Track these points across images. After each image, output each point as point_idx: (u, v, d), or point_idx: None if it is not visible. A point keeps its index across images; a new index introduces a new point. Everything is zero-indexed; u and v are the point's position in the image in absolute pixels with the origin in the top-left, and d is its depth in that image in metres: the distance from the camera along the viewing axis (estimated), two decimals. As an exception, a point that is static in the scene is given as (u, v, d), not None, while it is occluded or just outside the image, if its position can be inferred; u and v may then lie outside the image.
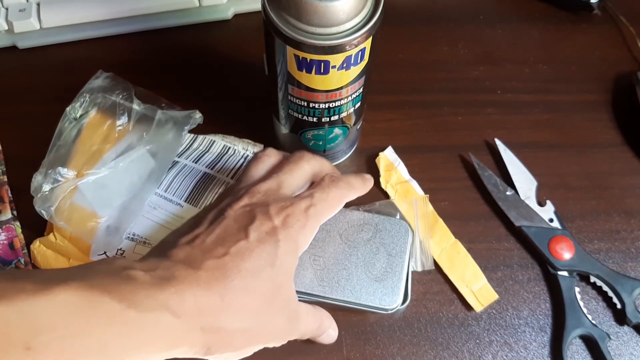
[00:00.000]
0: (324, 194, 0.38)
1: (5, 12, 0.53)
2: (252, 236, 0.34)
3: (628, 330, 0.44)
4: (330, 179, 0.39)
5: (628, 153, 0.51)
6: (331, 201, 0.38)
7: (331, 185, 0.38)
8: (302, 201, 0.36)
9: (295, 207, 0.36)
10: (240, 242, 0.34)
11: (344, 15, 0.34)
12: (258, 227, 0.34)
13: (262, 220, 0.35)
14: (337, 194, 0.39)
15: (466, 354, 0.43)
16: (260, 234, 0.34)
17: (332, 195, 0.38)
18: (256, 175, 0.39)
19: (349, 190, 0.40)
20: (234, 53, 0.54)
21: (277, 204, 0.36)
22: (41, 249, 0.44)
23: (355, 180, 0.41)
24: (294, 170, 0.39)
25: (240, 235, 0.34)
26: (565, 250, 0.45)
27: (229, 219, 0.35)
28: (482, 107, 0.52)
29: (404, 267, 0.43)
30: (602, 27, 0.57)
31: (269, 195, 0.37)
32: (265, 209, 0.35)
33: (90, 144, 0.45)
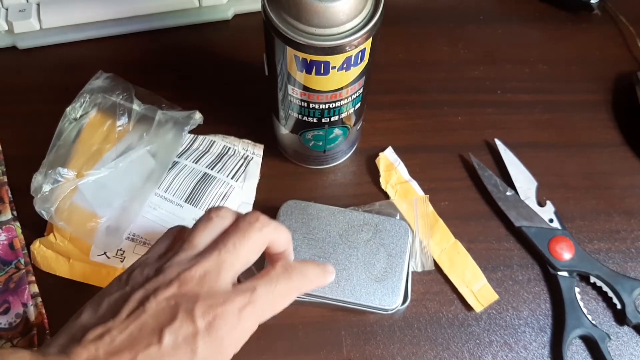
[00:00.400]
0: (270, 287, 0.32)
1: (5, 12, 0.53)
2: (166, 341, 0.30)
3: (628, 331, 0.44)
4: (284, 269, 0.33)
5: (628, 153, 0.51)
6: (277, 298, 0.33)
7: (281, 277, 0.33)
8: (239, 298, 0.31)
9: (227, 306, 0.31)
10: (151, 347, 0.30)
11: (344, 16, 0.34)
12: (176, 330, 0.30)
13: (182, 322, 0.30)
14: (287, 288, 0.33)
15: (466, 354, 0.43)
16: (177, 340, 0.30)
17: (279, 290, 0.33)
18: (200, 244, 0.33)
19: (304, 283, 0.34)
20: (234, 53, 0.54)
21: (206, 301, 0.31)
22: (41, 249, 0.44)
23: (313, 270, 0.35)
24: (241, 246, 0.33)
25: (153, 339, 0.30)
26: (565, 251, 0.45)
27: (147, 315, 0.30)
28: (482, 107, 0.52)
29: (403, 268, 0.43)
30: (602, 27, 0.57)
31: (204, 283, 0.31)
32: (191, 307, 0.30)
33: (90, 144, 0.45)
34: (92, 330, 0.30)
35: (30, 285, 0.43)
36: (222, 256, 0.32)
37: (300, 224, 0.44)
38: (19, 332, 0.42)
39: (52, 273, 0.44)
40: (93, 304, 0.32)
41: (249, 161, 0.48)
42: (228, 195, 0.45)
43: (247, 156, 0.48)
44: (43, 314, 0.43)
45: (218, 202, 0.45)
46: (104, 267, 0.43)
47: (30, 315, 0.42)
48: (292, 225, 0.43)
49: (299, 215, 0.44)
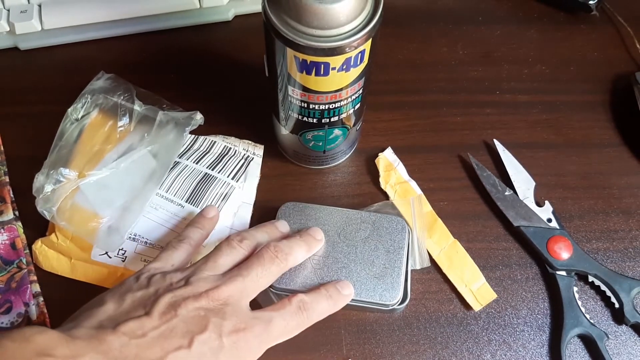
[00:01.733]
0: (284, 322, 0.36)
1: (7, 13, 0.53)
2: (195, 348, 0.32)
3: (626, 330, 0.44)
4: (298, 306, 0.37)
5: (626, 153, 0.51)
6: (288, 330, 0.37)
7: (295, 315, 0.37)
8: (258, 326, 0.35)
9: (249, 331, 0.34)
10: (181, 350, 0.32)
11: (343, 18, 0.35)
12: (205, 341, 0.33)
13: (211, 335, 0.33)
14: (298, 324, 0.37)
15: (465, 353, 0.43)
16: (204, 349, 0.33)
17: (291, 325, 0.37)
18: (223, 266, 0.37)
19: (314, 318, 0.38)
20: (235, 54, 0.55)
21: (232, 321, 0.34)
22: (43, 249, 0.44)
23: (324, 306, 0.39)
24: (262, 276, 0.37)
25: (183, 342, 0.32)
26: (564, 250, 0.45)
27: (179, 319, 0.33)
28: (481, 108, 0.53)
29: (402, 263, 0.43)
30: (601, 28, 0.57)
31: (229, 304, 0.35)
32: (220, 323, 0.34)
33: (91, 144, 0.45)
34: (125, 323, 0.32)
35: (32, 285, 0.43)
36: (246, 283, 0.36)
37: (298, 225, 0.44)
38: (21, 331, 0.42)
39: (54, 273, 0.44)
40: (115, 297, 0.34)
41: (250, 161, 0.48)
42: (229, 195, 0.46)
43: (248, 156, 0.48)
44: (45, 314, 0.43)
45: (219, 202, 0.45)
46: (106, 266, 0.44)
47: (32, 315, 0.42)
48: (291, 227, 0.44)
49: (297, 217, 0.44)
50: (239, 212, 0.46)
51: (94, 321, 0.32)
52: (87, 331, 0.31)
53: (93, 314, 0.33)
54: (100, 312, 0.33)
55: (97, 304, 0.34)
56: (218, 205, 0.45)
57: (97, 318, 0.33)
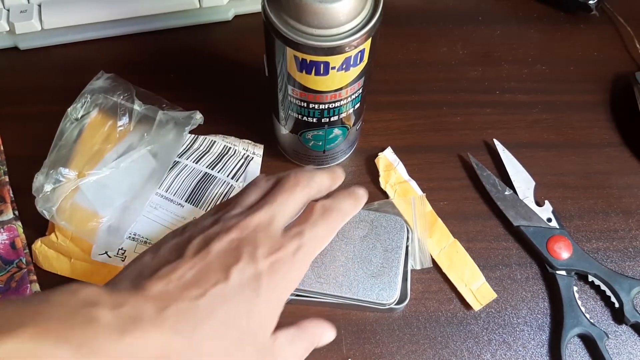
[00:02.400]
0: (314, 230, 0.36)
1: (7, 13, 0.53)
2: (233, 279, 0.32)
3: (626, 329, 0.44)
4: (322, 210, 0.37)
5: (626, 153, 0.51)
6: (322, 237, 0.36)
7: (321, 220, 0.36)
8: (291, 243, 0.35)
9: (283, 251, 0.34)
10: (219, 284, 0.32)
11: (343, 17, 0.35)
12: (242, 270, 0.33)
13: (247, 263, 0.33)
14: (329, 227, 0.37)
15: (465, 352, 0.43)
16: (242, 278, 0.32)
17: (322, 230, 0.36)
18: (249, 202, 0.37)
19: (342, 218, 0.38)
20: (234, 54, 0.55)
21: (265, 246, 0.34)
22: (43, 249, 0.44)
23: (347, 203, 0.38)
24: (288, 201, 0.36)
25: (220, 276, 0.32)
26: (564, 250, 0.45)
27: (212, 255, 0.33)
28: (481, 108, 0.53)
29: (400, 263, 0.43)
30: (600, 27, 0.57)
31: (259, 230, 0.35)
32: (253, 250, 0.33)
33: (91, 144, 0.45)
34: (161, 269, 0.32)
35: (32, 285, 0.43)
36: (273, 208, 0.35)
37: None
38: (21, 331, 0.42)
39: (54, 272, 0.44)
40: (152, 249, 0.35)
41: (249, 161, 0.48)
42: (229, 195, 0.46)
43: (248, 156, 0.48)
44: (44, 313, 0.43)
45: (219, 201, 0.45)
46: (106, 266, 0.44)
47: (31, 314, 0.42)
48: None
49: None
50: (238, 211, 0.46)
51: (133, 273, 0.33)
52: (126, 283, 0.32)
53: (133, 267, 0.34)
54: (138, 264, 0.34)
55: (137, 258, 0.35)
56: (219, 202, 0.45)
57: (135, 270, 0.33)
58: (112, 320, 0.28)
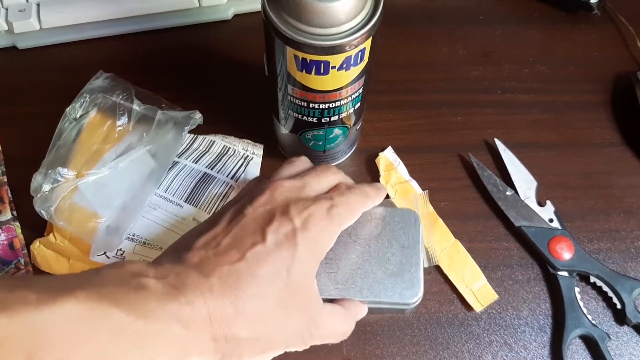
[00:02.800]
0: (343, 197, 0.37)
1: (5, 12, 0.53)
2: (270, 239, 0.33)
3: (628, 330, 0.44)
4: (347, 187, 0.38)
5: (627, 153, 0.51)
6: (352, 204, 0.37)
7: (349, 192, 0.38)
8: (324, 201, 0.36)
9: (317, 207, 0.35)
10: (256, 245, 0.33)
11: (343, 16, 0.34)
12: (277, 229, 0.34)
13: (281, 221, 0.34)
14: (357, 199, 0.38)
15: (466, 354, 0.43)
16: (279, 237, 0.33)
17: (352, 199, 0.37)
18: (284, 174, 0.39)
19: (366, 198, 0.39)
20: (234, 53, 0.54)
21: (298, 203, 0.35)
22: (41, 249, 0.44)
23: (370, 189, 0.40)
24: (320, 176, 0.38)
25: (257, 238, 0.33)
26: (565, 250, 0.45)
27: (247, 218, 0.34)
28: (482, 107, 0.53)
29: (420, 258, 0.40)
30: (601, 27, 0.57)
31: (292, 192, 0.36)
32: (286, 208, 0.34)
33: (90, 144, 0.45)
34: (197, 240, 0.34)
35: (30, 285, 0.43)
36: (306, 179, 0.37)
37: None
38: (19, 332, 0.42)
39: (52, 273, 0.44)
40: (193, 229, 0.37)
41: (249, 161, 0.48)
42: (228, 195, 0.46)
43: (247, 156, 0.48)
44: (43, 314, 0.43)
45: (218, 201, 0.45)
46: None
47: (30, 315, 0.42)
48: None
49: None
50: (238, 212, 0.46)
51: (172, 249, 0.35)
52: (170, 257, 0.34)
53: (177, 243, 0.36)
54: (178, 243, 0.36)
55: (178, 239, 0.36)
56: (217, 205, 0.45)
57: (175, 246, 0.35)
58: (159, 288, 0.30)
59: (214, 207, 0.45)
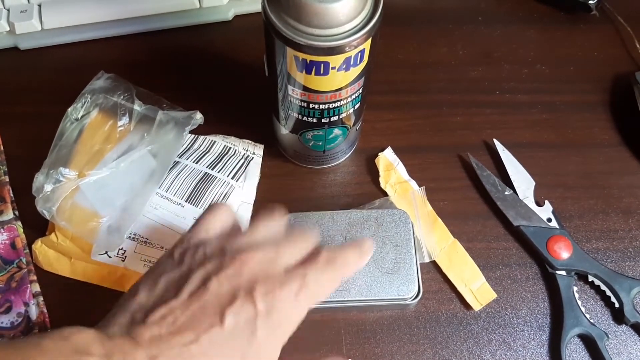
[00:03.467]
0: (318, 274, 0.34)
1: (7, 13, 0.53)
2: (228, 322, 0.31)
3: (626, 329, 0.44)
4: (327, 258, 0.34)
5: (626, 153, 0.51)
6: (325, 284, 0.34)
7: (327, 267, 0.34)
8: (294, 282, 0.33)
9: (284, 291, 0.32)
10: (213, 328, 0.31)
11: (343, 17, 0.35)
12: (237, 312, 0.31)
13: (243, 303, 0.31)
14: (332, 276, 0.35)
15: (465, 352, 0.43)
16: (238, 321, 0.31)
17: (326, 277, 0.34)
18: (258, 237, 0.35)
19: (346, 271, 0.36)
20: (234, 54, 0.55)
21: (265, 284, 0.32)
22: (43, 249, 0.44)
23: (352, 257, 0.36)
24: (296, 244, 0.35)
25: (215, 320, 0.31)
26: (564, 250, 0.45)
27: (209, 294, 0.31)
28: (481, 108, 0.53)
29: (412, 255, 0.43)
30: (600, 27, 0.57)
31: (262, 265, 0.33)
32: (251, 288, 0.32)
33: (91, 144, 0.45)
34: (154, 311, 0.31)
35: (32, 285, 0.43)
36: (280, 249, 0.34)
37: None
38: (21, 332, 0.42)
39: (54, 272, 0.44)
40: (148, 282, 0.33)
41: (249, 161, 0.48)
42: (228, 195, 0.46)
43: (248, 156, 0.48)
44: (45, 313, 0.43)
45: (218, 201, 0.45)
46: (106, 266, 0.44)
47: (31, 315, 0.42)
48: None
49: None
50: (238, 211, 0.46)
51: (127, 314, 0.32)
52: (119, 328, 0.31)
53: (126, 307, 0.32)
54: (133, 302, 0.32)
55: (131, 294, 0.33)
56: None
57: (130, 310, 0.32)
58: None
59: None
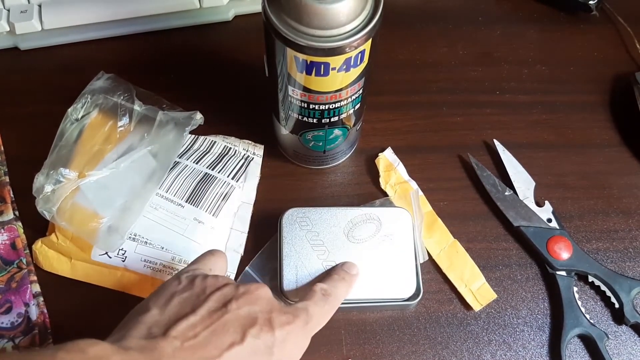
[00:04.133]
0: (317, 308, 0.37)
1: (7, 13, 0.53)
2: (248, 342, 0.32)
3: (626, 330, 0.44)
4: (322, 294, 0.38)
5: (626, 153, 0.51)
6: (323, 316, 0.38)
7: (323, 301, 0.38)
8: (302, 316, 0.35)
9: (296, 323, 0.35)
10: (235, 346, 0.32)
11: (344, 18, 0.35)
12: (257, 335, 0.33)
13: (262, 327, 0.33)
14: (328, 309, 0.38)
15: (465, 353, 0.43)
16: (257, 343, 0.32)
17: (324, 310, 0.38)
18: None
19: (338, 303, 0.39)
20: (235, 54, 0.55)
21: (280, 316, 0.34)
22: (43, 249, 0.44)
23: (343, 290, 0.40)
24: None
25: (236, 338, 0.32)
26: (564, 250, 0.45)
27: (230, 315, 0.33)
28: (481, 108, 0.53)
29: (412, 254, 0.43)
30: (600, 28, 0.57)
31: (272, 300, 0.36)
32: (268, 317, 0.34)
33: (91, 144, 0.45)
34: (175, 326, 0.31)
35: (32, 285, 0.44)
36: None
37: (305, 232, 0.43)
38: (21, 332, 0.42)
39: (54, 273, 0.44)
40: (159, 300, 0.34)
41: (250, 161, 0.48)
42: (229, 195, 0.46)
43: (248, 156, 0.48)
44: (45, 314, 0.43)
45: (219, 202, 0.45)
46: (106, 266, 0.44)
47: (32, 315, 0.42)
48: (297, 233, 0.43)
49: (302, 223, 0.44)
50: (239, 212, 0.46)
51: (142, 329, 0.32)
52: (137, 341, 0.31)
53: (141, 321, 0.32)
54: (148, 318, 0.32)
55: (142, 310, 0.33)
56: (218, 205, 0.45)
57: (145, 325, 0.32)
58: None
59: (214, 207, 0.45)
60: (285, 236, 0.43)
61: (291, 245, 0.43)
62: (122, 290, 0.44)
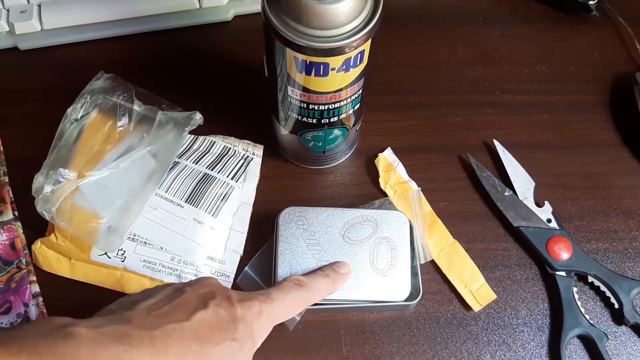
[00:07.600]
0: (282, 294, 0.37)
1: (7, 13, 0.53)
2: (212, 309, 0.33)
3: (626, 330, 0.44)
4: (293, 282, 0.38)
5: (626, 153, 0.51)
6: (288, 305, 0.37)
7: (292, 289, 0.38)
8: (260, 295, 0.36)
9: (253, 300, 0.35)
10: (200, 311, 0.33)
11: (343, 18, 0.35)
12: (219, 304, 0.33)
13: (221, 301, 0.34)
14: (297, 298, 0.38)
15: (464, 353, 0.43)
16: (221, 312, 0.33)
17: (290, 298, 0.37)
18: None
19: (313, 295, 0.39)
20: (234, 54, 0.55)
21: (237, 295, 0.35)
22: (42, 250, 0.44)
23: (322, 283, 0.40)
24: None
25: (199, 305, 0.33)
26: (563, 251, 0.45)
27: (188, 294, 0.34)
28: (481, 108, 0.53)
29: (407, 258, 0.43)
30: (601, 28, 0.57)
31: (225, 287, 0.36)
32: (226, 294, 0.35)
33: (91, 144, 0.45)
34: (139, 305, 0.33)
35: (32, 285, 0.44)
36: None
37: (301, 231, 0.43)
38: (21, 332, 0.42)
39: (54, 273, 0.44)
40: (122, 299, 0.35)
41: (249, 161, 0.48)
42: (228, 196, 0.46)
43: (247, 157, 0.48)
44: (44, 314, 0.43)
45: (218, 202, 0.45)
46: (105, 267, 0.44)
47: (31, 315, 0.42)
48: (294, 232, 0.43)
49: (299, 222, 0.44)
50: (238, 212, 0.46)
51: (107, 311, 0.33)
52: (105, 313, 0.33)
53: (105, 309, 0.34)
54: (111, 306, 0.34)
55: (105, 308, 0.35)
56: (217, 205, 0.45)
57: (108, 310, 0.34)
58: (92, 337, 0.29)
59: (214, 207, 0.45)
60: (281, 234, 0.43)
61: (287, 243, 0.43)
62: (121, 290, 0.44)
